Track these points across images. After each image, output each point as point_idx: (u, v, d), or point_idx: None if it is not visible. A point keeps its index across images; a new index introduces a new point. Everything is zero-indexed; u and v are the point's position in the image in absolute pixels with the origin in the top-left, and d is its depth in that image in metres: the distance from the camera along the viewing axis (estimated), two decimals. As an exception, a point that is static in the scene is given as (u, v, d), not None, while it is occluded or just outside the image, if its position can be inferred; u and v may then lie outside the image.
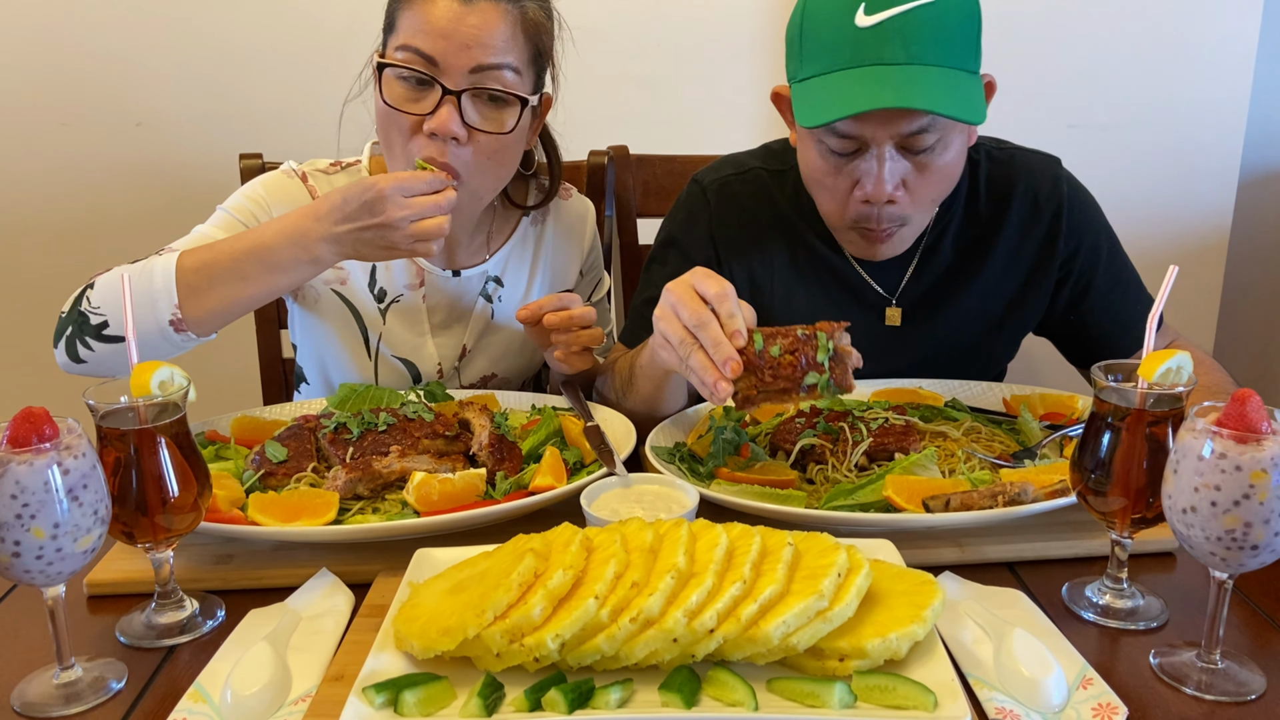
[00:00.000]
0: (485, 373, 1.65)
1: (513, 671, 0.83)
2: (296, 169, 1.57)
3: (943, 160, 1.33)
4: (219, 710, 0.85)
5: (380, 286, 1.58)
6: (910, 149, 1.31)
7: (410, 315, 1.59)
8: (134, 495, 0.95)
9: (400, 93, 1.38)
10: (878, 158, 1.30)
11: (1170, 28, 2.36)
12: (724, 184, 1.57)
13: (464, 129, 1.37)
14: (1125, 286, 1.55)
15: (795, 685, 0.81)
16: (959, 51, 1.26)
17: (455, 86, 1.36)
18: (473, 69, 1.36)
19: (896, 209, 1.35)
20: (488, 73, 1.37)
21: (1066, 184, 1.53)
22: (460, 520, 1.09)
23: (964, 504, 1.09)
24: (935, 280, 1.53)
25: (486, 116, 1.40)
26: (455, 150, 1.38)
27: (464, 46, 1.35)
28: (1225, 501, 0.82)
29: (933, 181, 1.35)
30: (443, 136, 1.36)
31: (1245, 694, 0.88)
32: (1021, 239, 1.52)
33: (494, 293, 1.63)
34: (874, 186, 1.31)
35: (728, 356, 1.10)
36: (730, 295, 1.14)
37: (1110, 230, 1.56)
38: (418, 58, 1.35)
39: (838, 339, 1.14)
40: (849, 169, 1.34)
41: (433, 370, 1.61)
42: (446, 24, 1.34)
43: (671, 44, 2.41)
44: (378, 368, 1.60)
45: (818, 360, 1.12)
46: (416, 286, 1.59)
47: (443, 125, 1.35)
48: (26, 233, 2.43)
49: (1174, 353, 0.96)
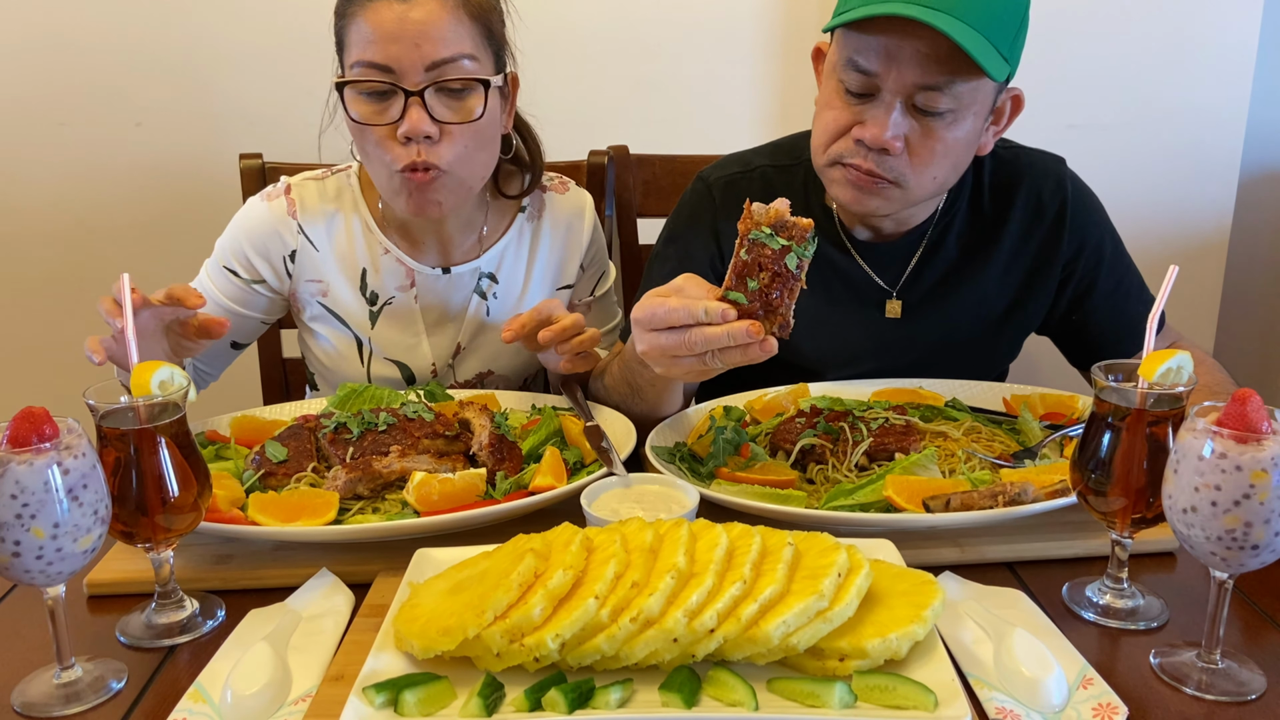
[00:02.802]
0: (481, 370, 1.65)
1: (513, 671, 0.83)
2: (281, 184, 1.58)
3: (950, 134, 1.33)
4: (219, 710, 0.85)
5: (371, 290, 1.58)
6: (922, 109, 1.31)
7: (403, 317, 1.59)
8: (134, 495, 0.95)
9: (366, 108, 1.39)
10: (887, 106, 1.30)
11: (1170, 28, 2.35)
12: (730, 182, 1.56)
13: (435, 126, 1.38)
14: (1128, 288, 1.55)
15: (795, 685, 0.81)
16: (995, 22, 1.26)
17: (415, 87, 1.36)
18: (428, 66, 1.36)
19: (891, 162, 1.33)
20: (444, 66, 1.37)
21: (1071, 184, 1.53)
22: (460, 520, 1.09)
23: (964, 504, 1.09)
24: (938, 277, 1.53)
25: (453, 108, 1.40)
26: (431, 148, 1.39)
27: (414, 46, 1.35)
28: (1225, 501, 0.82)
29: (934, 150, 1.34)
30: (416, 138, 1.37)
31: (1245, 694, 0.88)
32: (1024, 238, 1.52)
33: (488, 289, 1.62)
34: (875, 128, 1.31)
35: (743, 331, 1.09)
36: (683, 306, 1.11)
37: (1114, 231, 1.56)
38: (373, 69, 1.36)
39: (759, 218, 1.11)
40: (857, 108, 1.34)
41: (426, 370, 1.61)
42: (392, 27, 1.34)
43: (671, 44, 2.41)
44: (370, 371, 1.61)
45: (776, 249, 1.10)
46: (408, 288, 1.59)
47: (414, 128, 1.36)
48: (26, 233, 2.43)
49: (1174, 353, 0.96)
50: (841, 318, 1.53)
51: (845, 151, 1.36)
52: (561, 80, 2.46)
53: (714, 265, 1.55)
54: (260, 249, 1.55)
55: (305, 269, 1.57)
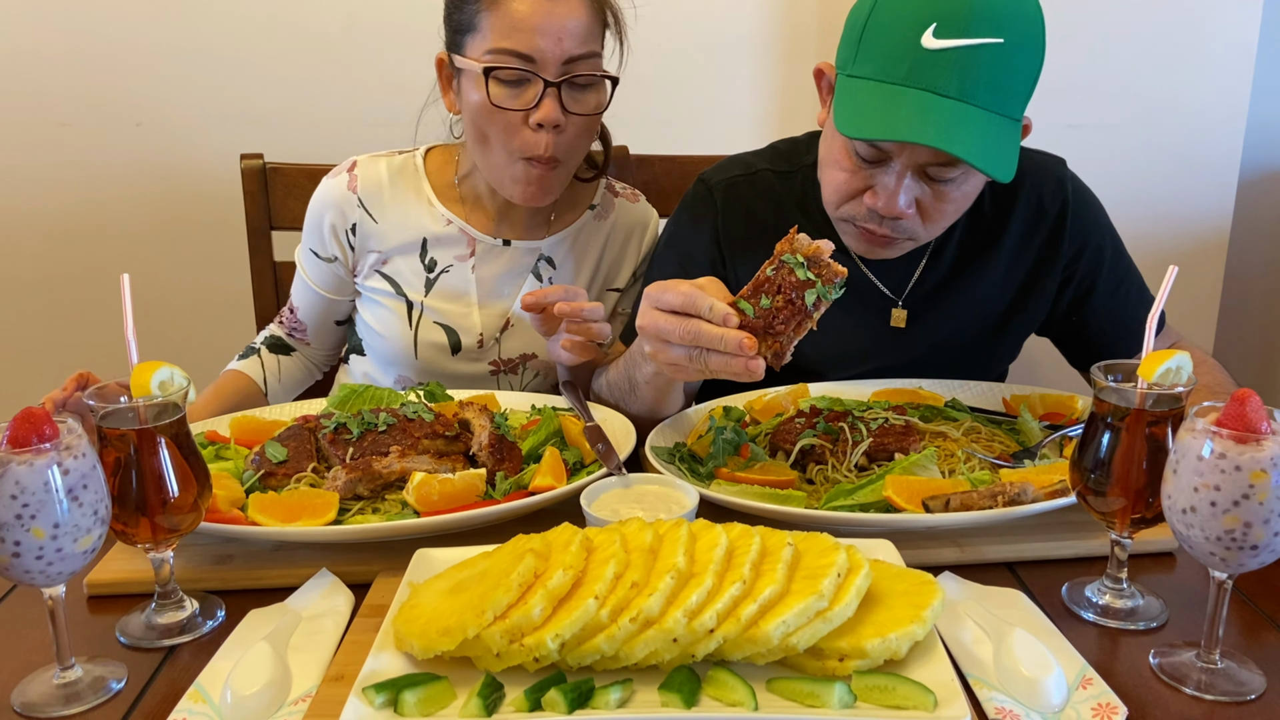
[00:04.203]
0: (525, 351, 1.66)
1: (513, 671, 0.83)
2: (348, 162, 1.65)
3: (960, 191, 1.33)
4: (219, 710, 0.85)
5: (431, 257, 1.62)
6: (933, 177, 1.30)
7: (459, 285, 1.63)
8: (134, 495, 0.95)
9: (502, 92, 1.44)
10: (898, 175, 1.29)
11: (1170, 28, 2.35)
12: (731, 184, 1.56)
13: (565, 116, 1.45)
14: (1128, 289, 1.55)
15: (795, 685, 0.81)
16: (1011, 99, 1.25)
17: (554, 78, 1.43)
18: (566, 60, 1.43)
19: (904, 224, 1.34)
20: (580, 61, 1.45)
21: (1071, 185, 1.53)
22: (460, 520, 1.09)
23: (964, 504, 1.09)
24: (940, 280, 1.53)
25: (580, 100, 1.47)
26: (558, 138, 1.45)
27: (557, 40, 1.42)
28: (1225, 501, 0.82)
29: (945, 209, 1.34)
30: (548, 127, 1.44)
31: (1245, 694, 0.88)
32: (1025, 240, 1.52)
33: (544, 272, 1.66)
34: (886, 201, 1.30)
35: (737, 341, 1.10)
36: (695, 293, 1.13)
37: (1114, 232, 1.56)
38: (515, 58, 1.41)
39: (799, 247, 1.12)
40: (867, 173, 1.33)
41: (474, 340, 1.63)
42: (538, 20, 1.41)
43: (671, 44, 2.41)
44: (417, 336, 1.63)
45: (802, 279, 1.11)
46: (467, 257, 1.63)
47: (548, 116, 1.43)
48: (27, 232, 2.43)
49: (1173, 353, 0.96)
50: (845, 323, 1.53)
51: (858, 215, 1.36)
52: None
53: (714, 267, 1.55)
54: (328, 225, 1.63)
55: (366, 240, 1.62)
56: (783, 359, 1.13)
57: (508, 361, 1.66)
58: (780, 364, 1.13)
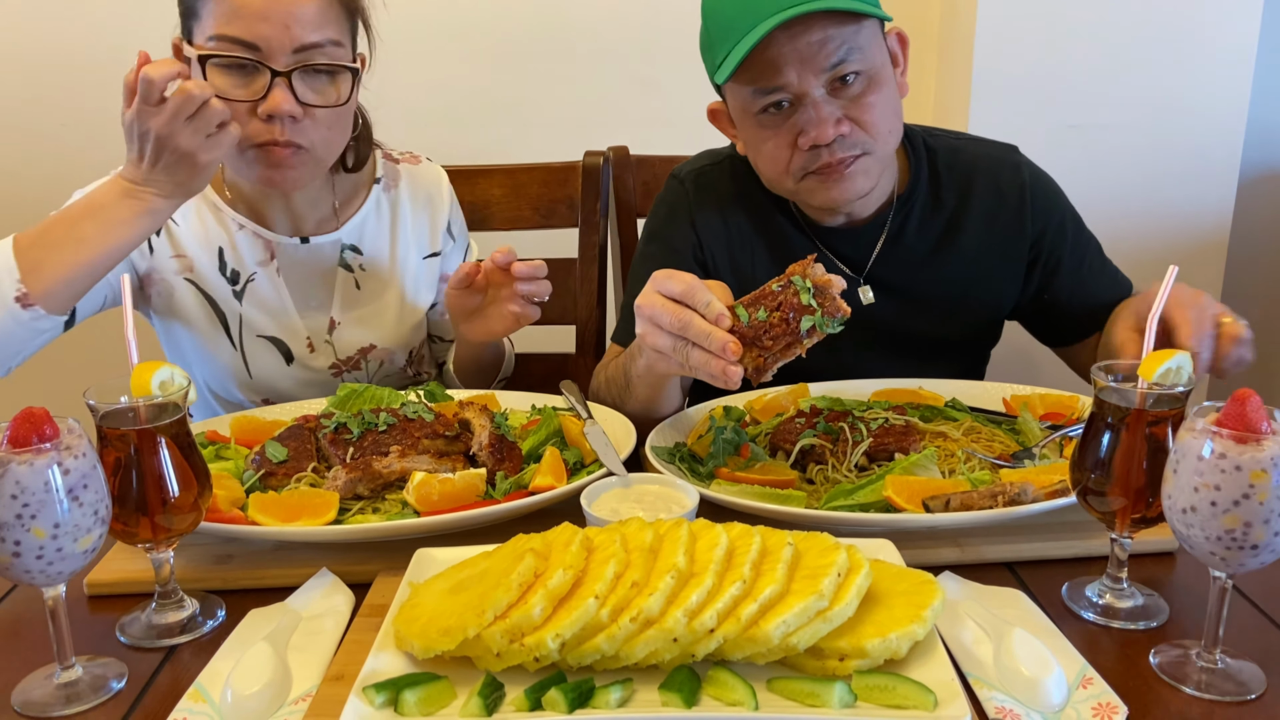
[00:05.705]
0: (362, 344, 1.64)
1: (513, 671, 0.83)
2: None
3: (875, 97, 1.38)
4: (219, 710, 0.85)
5: (232, 268, 1.58)
6: (840, 92, 1.36)
7: (269, 292, 1.59)
8: (134, 495, 0.95)
9: (226, 81, 1.38)
10: (812, 104, 1.35)
11: (1170, 28, 2.35)
12: (700, 173, 1.62)
13: (299, 107, 1.39)
14: (1090, 261, 1.61)
15: (795, 685, 0.81)
16: None
17: (283, 68, 1.37)
18: (296, 48, 1.37)
19: (848, 141, 1.38)
20: (312, 50, 1.38)
21: (1027, 169, 1.58)
22: (460, 520, 1.09)
23: (964, 504, 1.09)
24: (905, 270, 1.56)
25: (319, 90, 1.41)
26: (294, 127, 1.40)
27: (284, 27, 1.35)
28: (1225, 501, 0.82)
29: (873, 108, 1.38)
30: (279, 118, 1.38)
31: (1245, 694, 0.88)
32: (988, 225, 1.56)
33: (354, 262, 1.62)
34: (816, 129, 1.36)
35: (723, 342, 1.11)
36: (698, 286, 1.15)
37: (1073, 210, 1.61)
38: (237, 45, 1.35)
39: (812, 274, 1.13)
40: (789, 125, 1.38)
41: (303, 346, 1.61)
42: (261, 5, 1.34)
43: (671, 44, 2.40)
44: (245, 354, 1.60)
45: (804, 304, 1.12)
46: (268, 261, 1.58)
47: (277, 107, 1.37)
48: (26, 233, 2.43)
49: (1173, 353, 0.96)
50: None
51: (806, 162, 1.40)
52: (561, 80, 2.47)
53: (695, 255, 1.59)
54: None
55: (165, 245, 1.56)
56: (763, 375, 1.14)
57: (347, 360, 1.64)
58: (759, 379, 1.15)
